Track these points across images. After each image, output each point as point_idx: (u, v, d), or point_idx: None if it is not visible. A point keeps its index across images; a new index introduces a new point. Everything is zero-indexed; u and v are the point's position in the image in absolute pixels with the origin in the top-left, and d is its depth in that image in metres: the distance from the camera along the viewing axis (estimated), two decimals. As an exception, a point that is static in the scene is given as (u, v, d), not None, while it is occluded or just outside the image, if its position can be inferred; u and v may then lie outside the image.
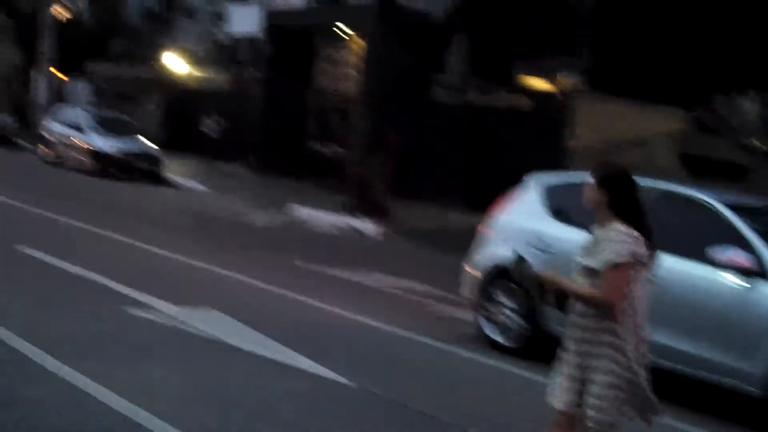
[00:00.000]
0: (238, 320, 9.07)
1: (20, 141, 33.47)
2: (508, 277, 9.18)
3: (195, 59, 39.49)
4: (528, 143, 23.10)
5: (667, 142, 23.20)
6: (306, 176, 28.72)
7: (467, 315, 10.19)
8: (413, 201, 23.80)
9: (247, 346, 8.17)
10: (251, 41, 38.67)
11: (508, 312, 9.29)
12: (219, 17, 46.44)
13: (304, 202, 21.64)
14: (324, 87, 29.62)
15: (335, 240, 17.96)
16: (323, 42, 29.57)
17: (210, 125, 32.70)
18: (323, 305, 10.53)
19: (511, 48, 26.37)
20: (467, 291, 9.86)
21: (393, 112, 21.64)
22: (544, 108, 24.48)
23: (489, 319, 9.47)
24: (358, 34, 27.69)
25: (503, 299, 9.35)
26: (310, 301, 10.73)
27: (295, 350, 8.20)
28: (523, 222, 9.67)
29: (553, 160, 19.65)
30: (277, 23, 30.38)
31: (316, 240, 17.62)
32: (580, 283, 4.59)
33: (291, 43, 30.10)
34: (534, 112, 24.52)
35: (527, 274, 4.88)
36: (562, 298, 4.65)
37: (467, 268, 9.95)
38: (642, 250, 4.48)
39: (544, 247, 9.15)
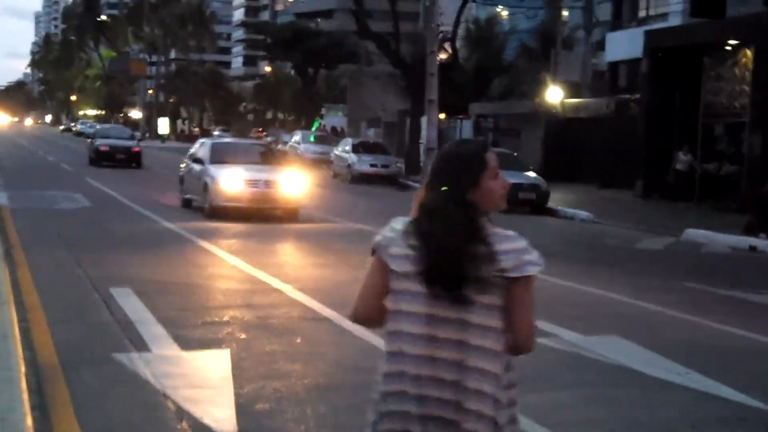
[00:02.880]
0: (643, 346, 8.81)
1: (408, 181, 35.24)
2: None
3: (574, 90, 39.60)
4: None
5: None
6: (698, 198, 27.69)
7: None
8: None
9: (655, 372, 7.90)
10: (630, 65, 38.17)
11: None
12: (598, 46, 46.42)
13: (698, 225, 20.82)
14: (713, 105, 28.46)
15: (736, 261, 17.08)
16: (708, 59, 28.46)
17: (682, 159, 28.46)
18: (729, 328, 10.00)
19: None
20: None
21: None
22: None
23: None
24: (747, 47, 26.41)
25: None
26: (714, 324, 10.22)
27: (707, 375, 7.82)
28: None
29: None
30: (657, 44, 29.72)
31: (716, 262, 16.84)
32: None
33: (672, 63, 29.31)
34: None
35: None
36: None
37: None
38: (399, 249, 3.11)
39: None
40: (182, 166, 22.90)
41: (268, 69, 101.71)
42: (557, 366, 8.11)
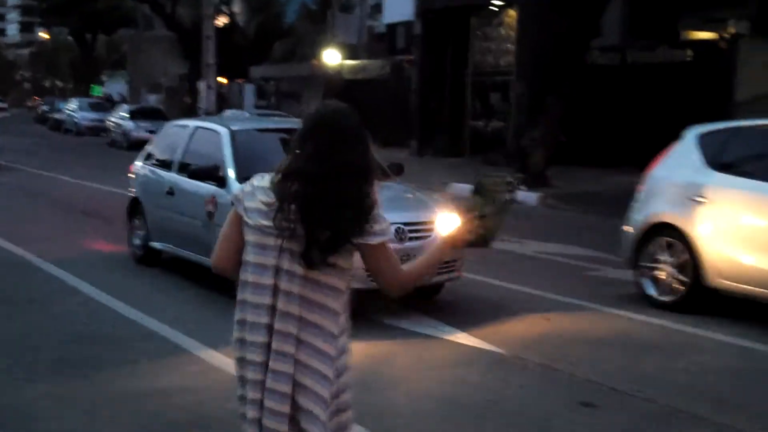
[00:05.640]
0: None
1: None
2: (664, 232, 8.96)
3: (354, 52, 39.92)
4: (692, 98, 22.25)
5: None
6: (469, 154, 28.60)
7: (627, 276, 9.83)
8: (575, 167, 23.39)
9: (413, 327, 8.10)
10: (407, 27, 38.84)
11: (666, 267, 8.92)
12: (375, 8, 46.91)
13: (466, 180, 21.45)
14: (481, 64, 29.36)
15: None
16: (478, 19, 29.29)
17: None
18: (477, 276, 10.36)
19: (673, 3, 25.48)
20: (625, 250, 9.53)
21: (551, 81, 21.21)
22: (707, 60, 23.46)
23: (647, 277, 9.11)
24: (511, 7, 27.35)
25: (661, 255, 8.99)
26: (469, 275, 10.56)
27: (449, 323, 8.11)
28: (679, 175, 9.25)
29: (720, 114, 18.83)
30: (428, 6, 30.33)
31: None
32: None
33: (445, 25, 29.99)
34: (697, 65, 23.53)
35: None
36: None
37: (624, 227, 9.61)
38: (253, 203, 3.21)
39: (701, 198, 8.73)
40: (132, 175, 11.54)
41: (45, 35, 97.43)
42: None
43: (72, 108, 47.99)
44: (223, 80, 41.20)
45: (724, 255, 8.50)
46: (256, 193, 3.21)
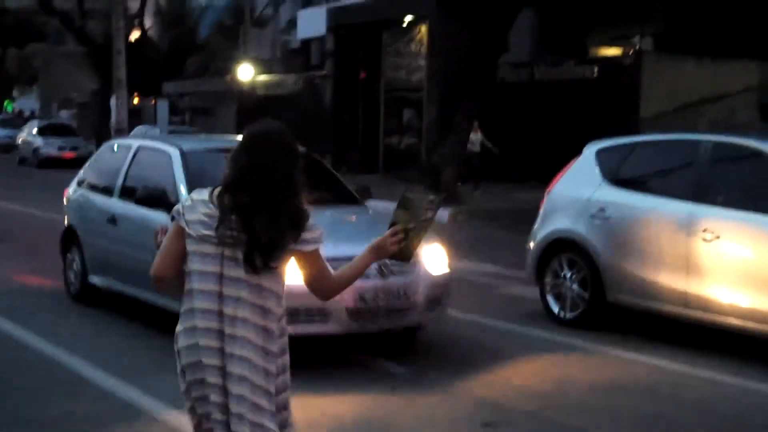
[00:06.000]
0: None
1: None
2: (566, 248, 9.07)
3: (268, 67, 39.79)
4: (598, 114, 22.66)
5: (746, 96, 22.50)
6: (382, 170, 28.70)
7: (535, 293, 9.94)
8: (488, 183, 23.60)
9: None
10: (321, 42, 38.84)
11: (568, 283, 9.04)
12: (289, 24, 46.81)
13: (381, 196, 21.46)
14: (394, 80, 29.51)
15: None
16: (390, 35, 29.44)
17: (473, 140, 23.52)
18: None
19: (582, 19, 25.94)
20: (529, 266, 9.62)
21: (461, 97, 21.40)
22: (613, 76, 23.92)
23: (551, 293, 9.22)
24: (422, 22, 27.55)
25: (563, 271, 9.11)
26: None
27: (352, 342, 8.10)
28: (579, 191, 9.37)
29: (625, 130, 19.24)
30: (342, 22, 30.40)
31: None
32: None
33: (357, 40, 30.10)
34: (604, 81, 23.99)
35: None
36: None
37: (528, 244, 9.71)
38: (194, 215, 3.42)
39: (600, 214, 8.87)
40: (67, 200, 10.53)
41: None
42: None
43: (-20, 126, 47.05)
44: (136, 96, 40.73)
45: (623, 270, 8.64)
46: (196, 206, 3.44)
